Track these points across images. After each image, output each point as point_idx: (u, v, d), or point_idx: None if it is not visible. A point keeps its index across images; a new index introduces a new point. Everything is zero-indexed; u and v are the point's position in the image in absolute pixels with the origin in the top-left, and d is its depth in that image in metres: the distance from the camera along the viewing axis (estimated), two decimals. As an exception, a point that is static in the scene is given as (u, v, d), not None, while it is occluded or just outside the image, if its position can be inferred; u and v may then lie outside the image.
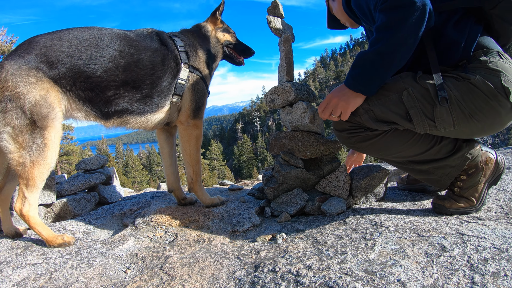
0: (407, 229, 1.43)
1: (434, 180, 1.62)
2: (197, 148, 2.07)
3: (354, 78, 1.42)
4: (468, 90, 1.35)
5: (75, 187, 2.44)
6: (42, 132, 1.57)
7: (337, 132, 1.63)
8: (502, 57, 1.39)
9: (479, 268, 1.04)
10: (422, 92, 1.40)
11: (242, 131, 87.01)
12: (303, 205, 1.84)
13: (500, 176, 1.63)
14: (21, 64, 1.56)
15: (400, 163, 1.65)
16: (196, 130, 2.03)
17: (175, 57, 1.94)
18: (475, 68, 1.38)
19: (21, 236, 1.79)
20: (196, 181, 2.09)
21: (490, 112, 1.36)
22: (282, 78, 2.02)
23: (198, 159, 2.09)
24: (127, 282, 1.26)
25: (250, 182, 3.82)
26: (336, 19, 2.01)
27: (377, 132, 1.52)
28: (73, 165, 20.27)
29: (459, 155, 1.53)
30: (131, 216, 2.08)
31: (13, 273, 1.35)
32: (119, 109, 1.79)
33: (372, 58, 1.35)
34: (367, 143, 1.56)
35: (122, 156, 52.78)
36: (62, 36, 1.68)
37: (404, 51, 1.32)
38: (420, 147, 1.52)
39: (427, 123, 1.42)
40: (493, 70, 1.34)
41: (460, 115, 1.38)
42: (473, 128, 1.42)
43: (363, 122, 1.50)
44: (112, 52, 1.74)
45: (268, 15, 2.04)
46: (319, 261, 1.21)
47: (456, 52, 1.42)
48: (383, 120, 1.48)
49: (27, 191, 1.58)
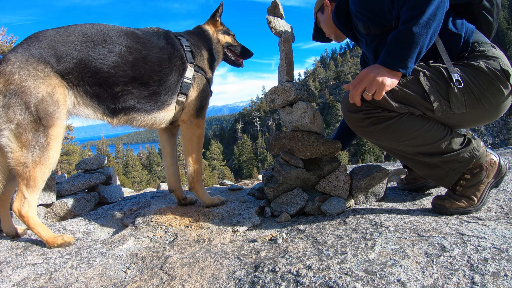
0: (407, 229, 1.43)
1: (440, 176, 1.61)
2: (198, 147, 2.07)
3: (393, 56, 1.40)
4: (475, 73, 1.47)
5: (75, 187, 2.44)
6: (46, 131, 1.52)
7: (350, 114, 1.59)
8: (494, 47, 1.53)
9: (479, 268, 1.04)
10: (437, 74, 1.49)
11: (242, 131, 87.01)
12: (303, 205, 1.84)
13: (502, 179, 1.64)
14: (29, 56, 1.52)
15: (409, 154, 1.62)
16: (198, 129, 2.03)
17: (181, 56, 1.94)
18: (475, 57, 1.51)
19: (21, 237, 1.79)
20: (197, 181, 2.09)
21: (496, 93, 1.48)
22: (282, 78, 2.02)
23: (199, 159, 2.09)
24: (127, 282, 1.26)
25: (250, 182, 3.82)
26: (321, 32, 2.15)
27: (393, 114, 1.52)
28: (73, 165, 20.28)
29: (468, 150, 1.55)
30: (131, 216, 2.08)
31: (13, 273, 1.35)
32: (126, 106, 1.78)
33: (411, 33, 1.34)
34: (382, 125, 1.53)
35: (122, 156, 52.80)
36: (69, 31, 1.67)
37: (435, 26, 1.35)
38: (433, 135, 1.53)
39: (444, 103, 1.48)
40: (491, 57, 1.49)
41: (471, 97, 1.47)
42: (481, 112, 1.52)
43: (382, 102, 1.49)
44: (120, 48, 1.73)
45: (268, 15, 2.05)
46: (319, 261, 1.21)
47: (458, 43, 1.53)
48: (402, 101, 1.49)
49: (27, 191, 1.54)
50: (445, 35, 1.53)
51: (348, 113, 1.61)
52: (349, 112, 1.60)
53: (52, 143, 1.55)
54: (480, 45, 1.53)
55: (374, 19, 1.60)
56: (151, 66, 1.80)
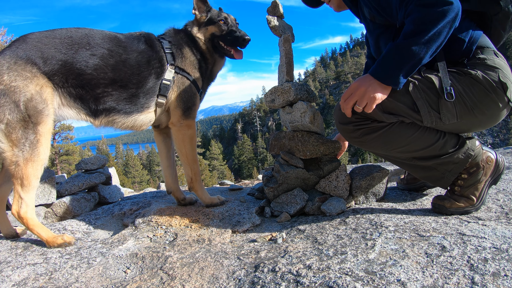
0: (407, 229, 1.43)
1: (436, 177, 1.61)
2: (192, 148, 2.07)
3: (386, 70, 1.39)
4: (470, 83, 1.43)
5: (75, 187, 2.44)
6: (35, 128, 1.55)
7: (341, 125, 1.61)
8: (497, 55, 1.48)
9: (479, 268, 1.04)
10: (428, 84, 1.46)
11: (242, 131, 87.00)
12: (303, 205, 1.84)
13: (500, 176, 1.64)
14: (17, 58, 1.57)
15: (403, 159, 1.64)
16: (189, 130, 2.03)
17: (160, 58, 1.95)
18: (474, 65, 1.46)
19: (20, 236, 1.79)
20: (196, 180, 2.09)
21: (490, 104, 1.44)
22: (282, 78, 2.02)
23: (195, 159, 2.09)
24: (127, 282, 1.26)
25: (250, 182, 3.82)
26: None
27: (384, 123, 1.52)
28: (73, 165, 20.27)
29: (463, 151, 1.54)
30: (131, 216, 2.08)
31: (13, 273, 1.35)
32: (107, 107, 1.82)
33: (409, 51, 1.32)
34: (373, 135, 1.55)
35: (122, 156, 52.77)
36: (55, 34, 1.72)
37: (437, 46, 1.32)
38: (425, 140, 1.53)
39: (433, 115, 1.46)
40: (491, 67, 1.43)
41: (463, 107, 1.44)
42: (474, 121, 1.49)
43: (371, 113, 1.49)
44: (103, 51, 1.78)
45: (268, 15, 2.04)
46: (319, 261, 1.21)
47: (459, 49, 1.49)
48: (391, 112, 1.50)
49: (22, 191, 1.55)
50: (448, 38, 1.48)
51: (339, 125, 1.63)
52: (340, 124, 1.62)
53: (42, 139, 1.57)
54: (483, 52, 1.48)
55: (380, 13, 1.56)
56: (130, 69, 1.84)
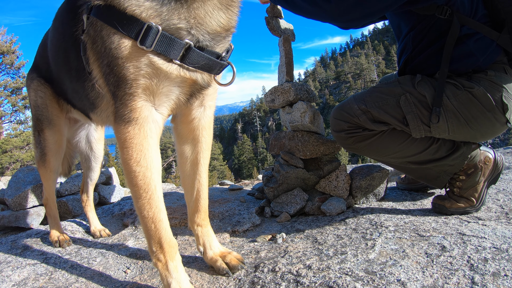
0: (407, 229, 1.43)
1: (432, 177, 1.62)
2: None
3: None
4: (467, 99, 1.39)
5: (75, 187, 2.44)
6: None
7: (335, 133, 1.65)
8: (507, 72, 1.43)
9: (479, 268, 1.04)
10: (420, 98, 1.44)
11: (242, 131, 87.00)
12: (303, 205, 1.84)
13: (499, 175, 1.64)
14: None
15: (398, 164, 1.66)
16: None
17: None
18: (480, 79, 1.41)
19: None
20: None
21: (485, 122, 1.42)
22: (282, 78, 2.02)
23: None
24: (127, 282, 1.26)
25: (250, 182, 3.82)
26: None
27: (375, 131, 1.54)
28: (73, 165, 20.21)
29: (457, 155, 1.54)
30: (131, 216, 2.08)
31: (13, 273, 1.36)
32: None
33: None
34: (365, 143, 1.57)
35: (122, 156, 52.57)
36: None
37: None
38: (418, 146, 1.53)
39: (423, 128, 1.46)
40: (497, 85, 1.39)
41: (455, 122, 1.42)
42: (466, 134, 1.47)
43: (361, 123, 1.52)
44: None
45: (268, 15, 2.04)
46: (319, 261, 1.21)
47: (471, 63, 1.44)
48: (381, 121, 1.51)
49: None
50: (460, 48, 1.43)
51: (333, 132, 1.67)
52: (334, 132, 1.66)
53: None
54: (492, 67, 1.43)
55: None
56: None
